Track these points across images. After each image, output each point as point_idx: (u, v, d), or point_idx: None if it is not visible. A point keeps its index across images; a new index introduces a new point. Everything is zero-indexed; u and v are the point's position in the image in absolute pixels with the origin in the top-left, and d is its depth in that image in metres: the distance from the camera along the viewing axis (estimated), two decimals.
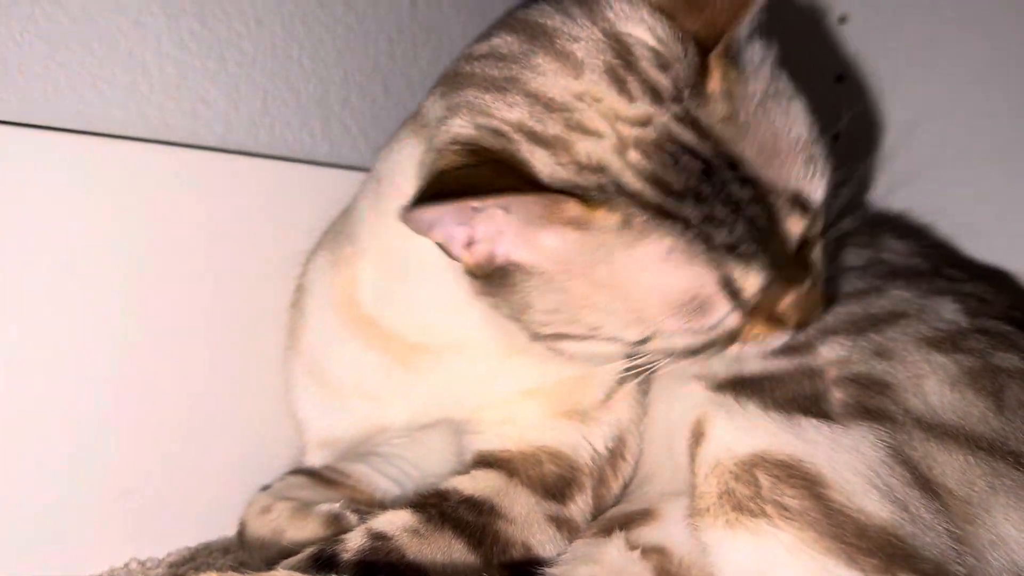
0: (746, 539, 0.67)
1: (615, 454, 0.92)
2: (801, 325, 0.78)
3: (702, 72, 0.73)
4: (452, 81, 0.81)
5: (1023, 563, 0.69)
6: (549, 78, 0.75)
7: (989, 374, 0.77)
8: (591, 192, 0.71)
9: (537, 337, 0.78)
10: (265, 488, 1.05)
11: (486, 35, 0.83)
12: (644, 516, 0.84)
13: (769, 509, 0.67)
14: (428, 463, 1.04)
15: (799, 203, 0.73)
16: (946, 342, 0.80)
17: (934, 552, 0.66)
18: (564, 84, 0.74)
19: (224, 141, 1.03)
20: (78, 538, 0.92)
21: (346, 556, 0.77)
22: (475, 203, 0.70)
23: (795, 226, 0.73)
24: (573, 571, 0.79)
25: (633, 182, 0.71)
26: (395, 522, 0.80)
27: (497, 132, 0.74)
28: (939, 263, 1.06)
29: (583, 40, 0.76)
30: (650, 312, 0.73)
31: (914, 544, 0.66)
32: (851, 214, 0.85)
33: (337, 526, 0.90)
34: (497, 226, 0.73)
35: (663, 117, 0.72)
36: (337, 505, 0.93)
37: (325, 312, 1.00)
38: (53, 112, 0.88)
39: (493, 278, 0.76)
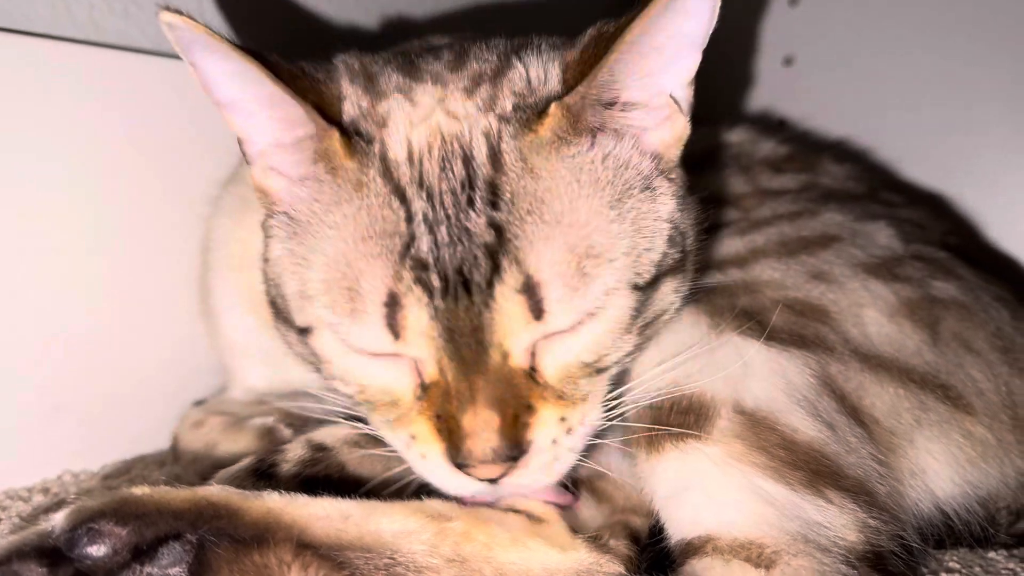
0: (675, 457, 0.68)
1: None
2: (464, 453, 0.66)
3: (542, 111, 0.69)
4: (398, 50, 0.83)
5: (939, 492, 0.73)
6: (434, 64, 0.76)
7: (926, 305, 0.78)
8: (357, 136, 0.69)
9: (267, 291, 0.77)
10: (199, 403, 1.04)
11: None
12: None
13: (699, 427, 0.68)
14: None
15: (533, 297, 0.65)
16: (883, 269, 0.81)
17: (858, 472, 0.68)
18: (436, 69, 0.75)
19: (157, 44, 0.99)
20: (11, 451, 0.91)
21: (286, 467, 0.77)
22: (245, 63, 0.65)
23: (510, 312, 0.65)
24: None
25: (398, 152, 0.69)
26: (335, 434, 0.81)
27: (350, 67, 0.75)
28: (876, 187, 1.07)
29: (487, 54, 0.76)
30: (314, 286, 0.69)
31: (839, 463, 0.67)
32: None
33: (271, 439, 0.90)
34: (282, 141, 0.71)
35: (476, 121, 0.69)
36: (271, 419, 0.93)
37: (224, 275, 0.99)
38: None
39: (265, 204, 0.75)
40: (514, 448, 0.66)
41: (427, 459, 0.69)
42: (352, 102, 0.72)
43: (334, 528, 0.64)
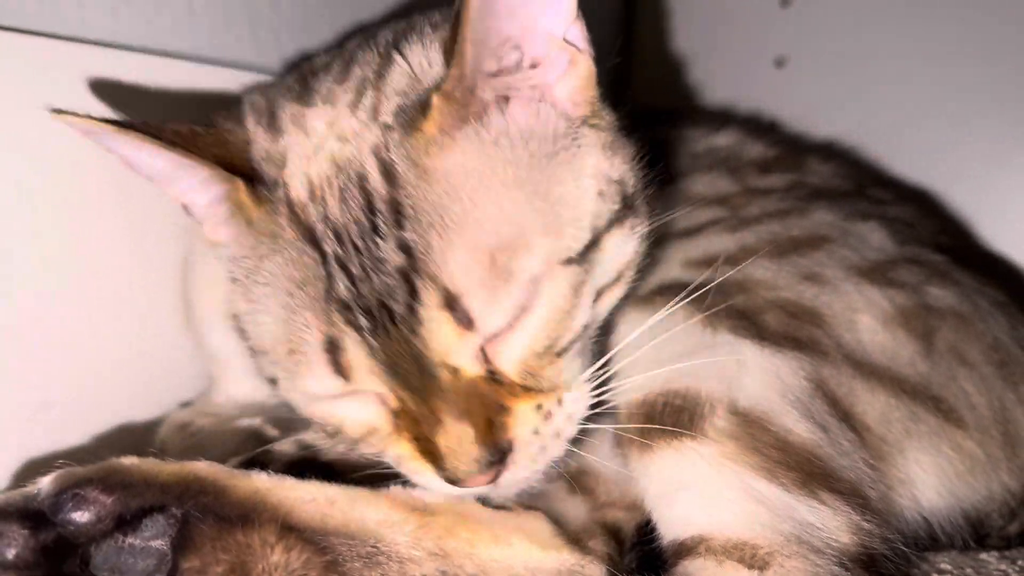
0: (669, 456, 0.67)
1: None
2: (450, 471, 0.65)
3: (425, 105, 0.66)
4: (303, 66, 0.82)
5: (925, 502, 0.72)
6: (325, 80, 0.75)
7: (922, 314, 0.78)
8: (262, 184, 0.70)
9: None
10: (185, 405, 1.03)
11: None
12: None
13: (693, 426, 0.67)
14: None
15: (455, 308, 0.63)
16: (877, 273, 0.81)
17: (850, 474, 0.67)
18: (326, 86, 0.74)
19: (145, 42, 0.98)
20: None
21: (274, 468, 0.76)
22: (153, 147, 0.67)
23: (438, 331, 0.63)
24: None
25: (300, 192, 0.68)
26: None
27: (255, 106, 0.75)
28: (863, 184, 1.07)
29: (369, 55, 0.74)
30: (264, 344, 0.70)
31: (832, 465, 0.67)
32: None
33: (258, 440, 0.89)
34: (209, 199, 0.73)
35: (363, 138, 0.68)
36: (258, 420, 0.93)
37: (205, 291, 0.98)
38: None
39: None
40: (496, 452, 0.66)
41: (421, 475, 0.69)
42: (258, 146, 0.72)
43: (319, 512, 0.64)
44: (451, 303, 0.63)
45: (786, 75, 1.36)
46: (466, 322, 0.64)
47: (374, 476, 0.75)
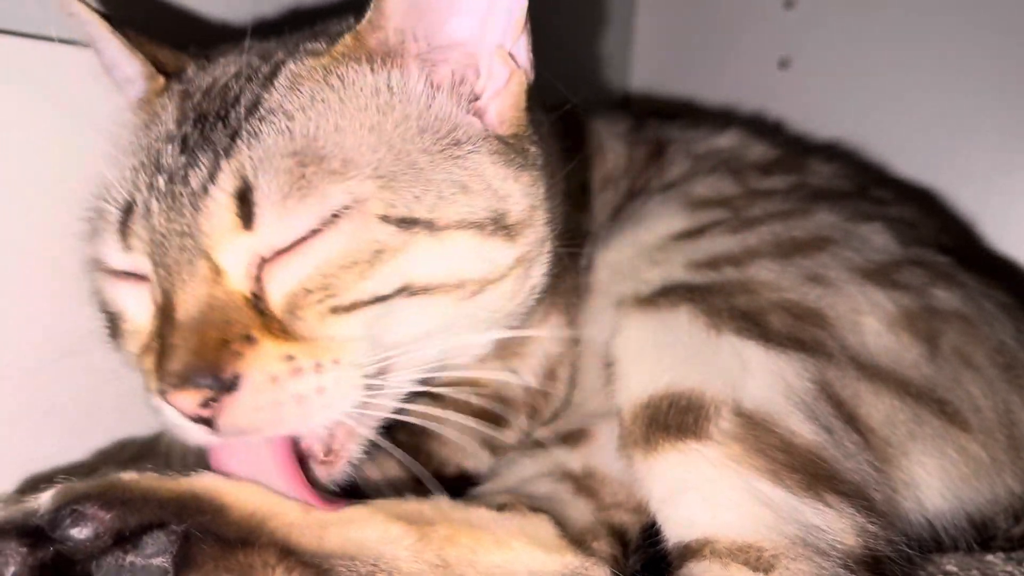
0: (673, 458, 0.67)
1: (547, 381, 0.92)
2: (162, 386, 0.61)
3: (334, 41, 0.72)
4: None
5: (929, 505, 0.72)
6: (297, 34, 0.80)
7: (926, 316, 0.78)
8: (176, 76, 0.76)
9: None
10: None
11: None
12: (578, 436, 0.85)
13: (697, 428, 0.67)
14: None
15: (245, 200, 0.63)
16: (880, 275, 0.80)
17: (855, 477, 0.67)
18: (297, 38, 0.78)
19: None
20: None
21: None
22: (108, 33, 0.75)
23: (217, 215, 0.63)
24: (496, 486, 0.81)
25: (197, 85, 0.74)
26: None
27: (223, 49, 0.80)
28: (865, 184, 1.06)
29: (343, 23, 0.79)
30: (99, 206, 0.73)
31: (837, 467, 0.67)
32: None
33: None
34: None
35: (277, 57, 0.73)
36: None
37: None
38: None
39: None
40: (212, 376, 0.60)
41: (151, 391, 0.64)
42: (197, 63, 0.78)
43: (315, 536, 0.63)
44: (243, 195, 0.63)
45: (790, 76, 1.37)
46: (248, 219, 0.63)
47: None
